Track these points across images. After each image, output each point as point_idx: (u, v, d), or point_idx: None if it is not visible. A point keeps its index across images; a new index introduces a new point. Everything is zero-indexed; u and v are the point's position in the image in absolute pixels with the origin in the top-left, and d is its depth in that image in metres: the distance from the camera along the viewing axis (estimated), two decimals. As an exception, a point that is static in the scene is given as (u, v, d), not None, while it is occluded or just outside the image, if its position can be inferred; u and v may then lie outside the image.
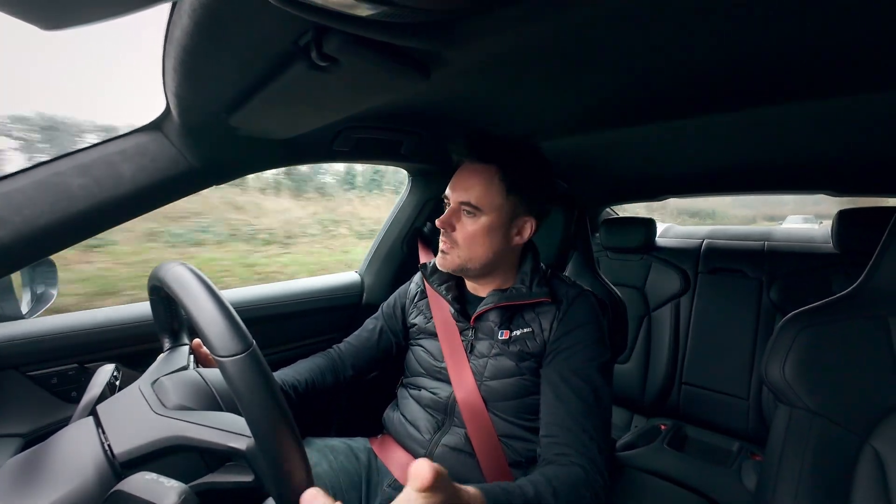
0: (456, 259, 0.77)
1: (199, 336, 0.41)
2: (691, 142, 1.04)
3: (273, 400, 0.39)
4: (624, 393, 1.70)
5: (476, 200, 0.74)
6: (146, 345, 0.87)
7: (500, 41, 0.47)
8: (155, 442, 0.44)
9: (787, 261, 1.52)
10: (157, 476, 0.39)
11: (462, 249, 0.76)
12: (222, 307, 0.42)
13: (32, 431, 0.74)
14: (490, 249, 0.77)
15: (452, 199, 0.77)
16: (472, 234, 0.75)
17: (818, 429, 0.65)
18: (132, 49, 4.63)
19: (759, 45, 0.54)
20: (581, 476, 0.60)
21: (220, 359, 0.39)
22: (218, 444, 0.43)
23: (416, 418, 0.83)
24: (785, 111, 0.75)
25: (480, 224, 0.75)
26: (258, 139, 0.81)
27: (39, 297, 0.86)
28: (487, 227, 0.75)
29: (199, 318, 0.41)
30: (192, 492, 0.38)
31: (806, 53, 0.55)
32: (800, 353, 0.70)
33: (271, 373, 0.41)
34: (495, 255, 0.78)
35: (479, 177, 0.75)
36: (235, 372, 0.39)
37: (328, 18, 0.37)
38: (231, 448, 0.43)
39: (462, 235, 0.76)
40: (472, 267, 0.78)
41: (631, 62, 0.61)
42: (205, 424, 0.45)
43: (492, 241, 0.76)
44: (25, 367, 0.75)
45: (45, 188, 0.63)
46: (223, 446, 0.43)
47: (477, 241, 0.75)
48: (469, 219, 0.76)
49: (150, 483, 0.38)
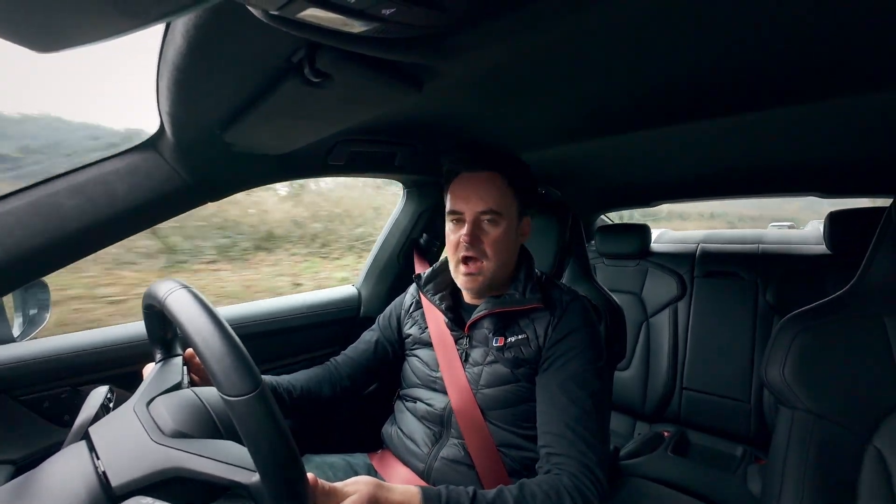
0: (487, 274, 0.77)
1: (207, 372, 0.40)
2: (681, 148, 1.06)
3: (282, 440, 0.39)
4: (625, 400, 1.69)
5: (497, 206, 0.76)
6: (140, 364, 0.86)
7: (490, 53, 0.48)
8: (154, 473, 0.43)
9: (780, 262, 1.53)
10: (154, 500, 0.39)
11: (492, 260, 0.77)
12: (230, 342, 0.41)
13: (24, 457, 0.72)
14: (513, 253, 0.80)
15: (468, 212, 0.77)
16: (498, 240, 0.76)
17: (820, 430, 0.65)
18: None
19: (743, 52, 0.55)
20: (565, 482, 0.61)
21: (228, 398, 0.39)
22: (221, 477, 0.43)
23: (413, 431, 0.82)
24: (771, 116, 0.77)
25: (503, 228, 0.77)
26: (253, 155, 0.81)
27: (32, 319, 0.85)
28: (508, 230, 0.77)
29: (206, 354, 0.40)
30: None
31: (790, 59, 0.57)
32: (798, 354, 0.70)
33: (279, 412, 0.40)
34: (513, 259, 0.81)
35: (489, 183, 0.76)
36: (244, 412, 0.38)
37: (320, 35, 0.37)
38: (235, 482, 0.42)
39: (490, 245, 0.76)
40: (500, 276, 0.79)
41: (619, 71, 0.62)
42: (207, 456, 0.44)
43: (512, 244, 0.79)
44: (16, 392, 0.74)
45: (37, 209, 0.63)
46: (227, 480, 0.42)
47: (505, 246, 0.77)
48: (492, 227, 0.76)
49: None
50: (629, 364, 1.69)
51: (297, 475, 0.39)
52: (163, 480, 0.43)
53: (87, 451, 0.45)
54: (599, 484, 0.62)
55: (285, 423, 0.40)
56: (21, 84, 10.30)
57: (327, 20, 0.33)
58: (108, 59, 10.70)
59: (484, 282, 0.78)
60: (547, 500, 0.58)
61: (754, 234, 1.82)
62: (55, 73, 13.11)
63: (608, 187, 1.65)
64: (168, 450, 0.44)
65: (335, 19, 0.33)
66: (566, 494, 0.59)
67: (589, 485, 0.61)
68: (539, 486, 0.60)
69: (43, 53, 0.30)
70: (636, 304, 1.72)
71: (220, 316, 0.43)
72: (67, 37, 0.28)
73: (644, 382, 1.66)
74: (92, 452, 0.45)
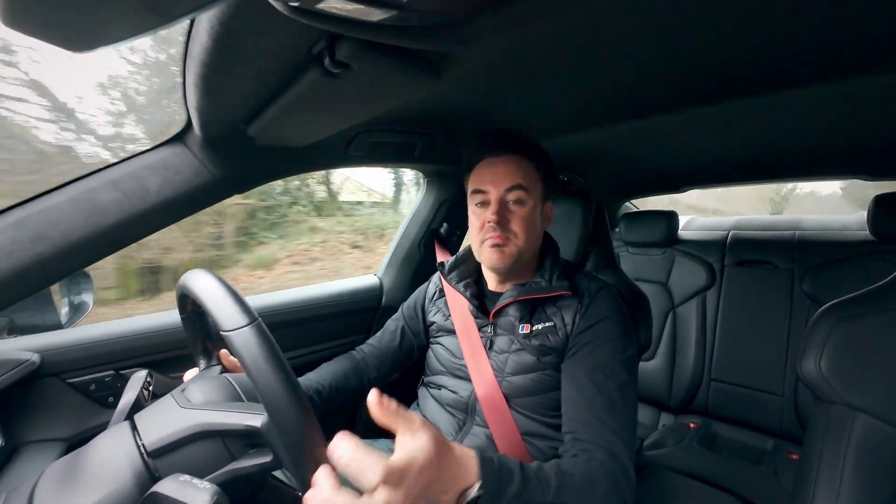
0: (514, 249, 0.76)
1: (209, 316, 0.45)
2: (713, 130, 1.01)
3: (279, 367, 0.41)
4: (650, 391, 1.66)
5: (525, 182, 0.75)
6: (176, 351, 0.90)
7: (510, 38, 0.46)
8: (180, 431, 0.46)
9: (819, 250, 1.46)
10: (191, 478, 0.41)
11: (519, 237, 0.76)
12: (227, 287, 0.45)
13: (74, 436, 0.78)
14: (539, 233, 0.80)
15: (494, 192, 0.76)
16: (526, 218, 0.76)
17: (860, 425, 0.62)
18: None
19: (778, 25, 0.52)
20: (597, 468, 0.59)
21: (226, 333, 0.42)
22: (236, 424, 0.45)
23: (438, 419, 0.83)
24: (811, 93, 0.72)
25: (530, 207, 0.76)
26: (276, 148, 0.82)
27: (77, 307, 0.90)
28: (534, 209, 0.77)
29: (204, 297, 0.45)
30: (223, 493, 0.40)
31: (831, 31, 0.53)
32: (837, 346, 0.66)
33: (276, 344, 0.43)
34: (539, 241, 0.81)
35: (514, 164, 0.76)
36: (241, 343, 0.41)
37: (340, 25, 0.37)
38: (248, 427, 0.45)
39: (517, 223, 0.75)
40: (527, 256, 0.79)
41: (644, 51, 0.59)
42: (223, 410, 0.47)
43: (538, 224, 0.79)
44: (66, 375, 0.79)
45: (78, 204, 0.66)
46: (241, 426, 0.45)
47: (531, 224, 0.77)
48: (519, 206, 0.76)
49: (184, 485, 0.40)
50: (654, 354, 1.66)
51: (298, 400, 0.41)
52: (190, 437, 0.46)
53: (131, 431, 0.48)
54: (628, 475, 0.61)
55: (283, 355, 0.43)
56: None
57: (347, 9, 0.33)
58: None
59: (511, 256, 0.76)
60: (584, 484, 0.56)
61: (790, 220, 1.73)
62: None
63: (633, 173, 1.60)
64: (194, 411, 0.48)
65: (354, 8, 0.33)
66: (600, 479, 0.58)
67: (619, 474, 0.60)
68: (573, 467, 0.58)
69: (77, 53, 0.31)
70: (662, 294, 1.67)
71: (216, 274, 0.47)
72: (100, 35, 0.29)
73: (670, 373, 1.63)
74: (135, 432, 0.47)
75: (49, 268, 0.64)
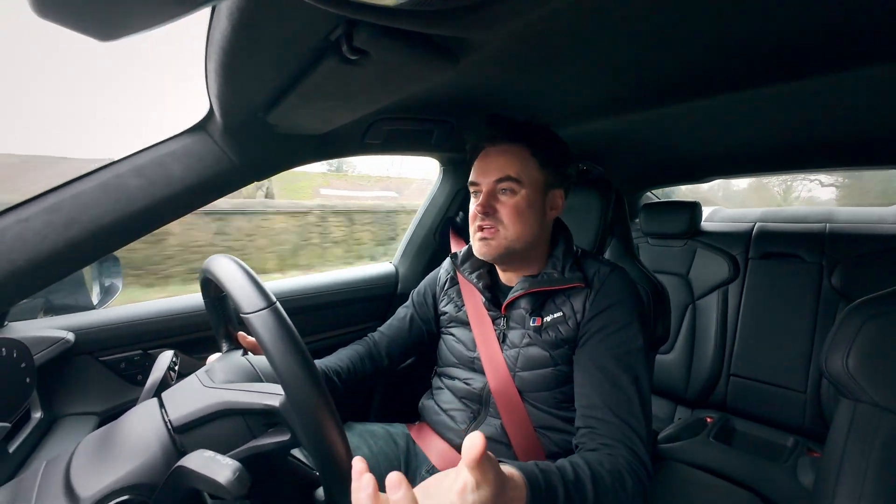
0: (502, 241, 0.75)
1: (229, 299, 0.47)
2: (739, 118, 0.97)
3: (296, 348, 0.43)
4: (667, 384, 1.64)
5: (515, 173, 0.74)
6: (200, 333, 0.94)
7: (529, 21, 0.45)
8: (203, 408, 0.49)
9: (851, 244, 1.39)
10: (215, 454, 0.43)
11: (507, 229, 0.74)
12: (247, 272, 0.47)
13: (106, 410, 0.83)
14: (533, 225, 0.76)
15: (485, 182, 0.76)
16: (515, 208, 0.74)
17: (886, 425, 0.60)
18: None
19: (808, 6, 0.49)
20: (622, 464, 0.59)
21: (245, 315, 0.43)
22: (255, 403, 0.48)
23: (452, 409, 0.84)
24: (841, 80, 0.68)
25: (522, 197, 0.74)
26: (294, 135, 0.83)
27: (107, 289, 0.95)
28: (528, 200, 0.75)
29: (225, 281, 0.47)
30: (244, 469, 0.41)
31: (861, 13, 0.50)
32: (866, 343, 0.64)
33: (293, 326, 0.44)
34: (536, 232, 0.77)
35: (511, 154, 0.75)
36: (260, 325, 0.42)
37: (357, 11, 0.37)
38: (266, 406, 0.47)
39: (506, 213, 0.74)
40: (517, 247, 0.76)
41: (667, 35, 0.57)
42: (243, 389, 0.50)
43: (533, 215, 0.76)
44: (98, 353, 0.83)
45: (107, 189, 0.68)
46: (259, 405, 0.47)
47: (521, 215, 0.74)
48: (508, 196, 0.75)
49: (208, 460, 0.42)
50: (672, 348, 1.63)
51: (314, 380, 0.42)
52: (212, 415, 0.49)
53: (158, 408, 0.50)
54: (648, 469, 0.61)
55: (299, 337, 0.44)
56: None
57: (364, -6, 0.33)
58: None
59: (499, 248, 0.75)
60: (614, 483, 0.56)
61: (821, 211, 1.65)
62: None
63: (655, 162, 1.55)
64: (216, 390, 0.51)
65: (372, -7, 0.33)
66: (627, 478, 0.58)
67: (641, 469, 0.60)
68: (601, 465, 0.58)
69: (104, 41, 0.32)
70: (682, 286, 1.63)
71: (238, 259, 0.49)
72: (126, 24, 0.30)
73: (688, 367, 1.60)
74: (162, 409, 0.50)
75: (81, 250, 0.66)
